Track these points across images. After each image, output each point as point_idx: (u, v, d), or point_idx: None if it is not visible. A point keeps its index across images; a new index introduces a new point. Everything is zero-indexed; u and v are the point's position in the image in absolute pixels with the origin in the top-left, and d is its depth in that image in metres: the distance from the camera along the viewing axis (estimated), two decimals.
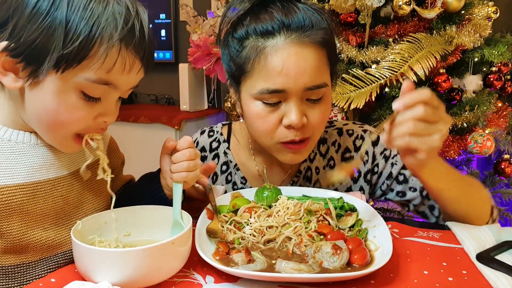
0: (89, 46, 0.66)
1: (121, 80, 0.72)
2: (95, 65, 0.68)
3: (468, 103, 1.70)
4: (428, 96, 0.73)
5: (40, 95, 0.70)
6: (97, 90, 0.71)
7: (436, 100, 0.75)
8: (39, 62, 0.67)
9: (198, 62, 2.51)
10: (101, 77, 0.70)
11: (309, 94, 0.88)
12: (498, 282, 0.68)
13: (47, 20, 0.65)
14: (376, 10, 1.59)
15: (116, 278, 0.65)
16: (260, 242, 0.79)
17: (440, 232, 0.89)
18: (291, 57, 0.85)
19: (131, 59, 0.71)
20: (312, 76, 0.86)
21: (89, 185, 0.88)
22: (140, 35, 0.71)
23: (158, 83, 3.35)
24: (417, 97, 0.73)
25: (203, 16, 2.63)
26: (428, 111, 0.73)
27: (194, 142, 1.11)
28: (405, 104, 0.73)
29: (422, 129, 0.74)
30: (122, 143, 1.12)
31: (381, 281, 0.69)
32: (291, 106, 0.87)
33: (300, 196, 0.95)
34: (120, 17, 0.68)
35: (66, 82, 0.69)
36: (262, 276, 0.68)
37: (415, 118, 0.73)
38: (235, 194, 0.96)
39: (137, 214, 0.82)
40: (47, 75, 0.68)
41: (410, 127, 0.73)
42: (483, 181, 1.92)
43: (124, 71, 0.71)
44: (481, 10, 1.64)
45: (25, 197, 0.76)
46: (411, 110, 0.73)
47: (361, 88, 1.49)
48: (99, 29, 0.66)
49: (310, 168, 1.07)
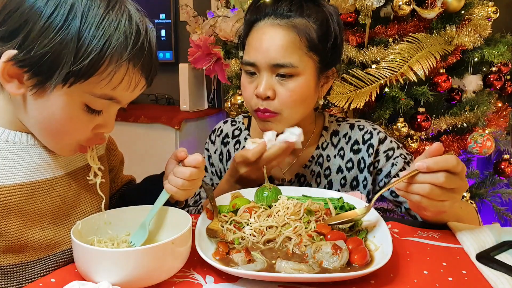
0: (98, 64, 0.67)
1: (125, 96, 0.74)
2: (102, 81, 0.69)
3: (468, 103, 1.70)
4: (453, 164, 0.75)
5: (45, 106, 0.71)
6: (100, 104, 0.72)
7: (461, 166, 0.76)
8: (47, 75, 0.67)
9: (198, 62, 2.51)
10: (106, 93, 0.71)
11: (277, 70, 0.99)
12: (498, 282, 0.68)
13: (60, 35, 0.65)
14: (376, 10, 1.59)
15: (116, 278, 0.65)
16: (260, 242, 0.79)
17: (440, 232, 0.89)
18: (263, 35, 1.00)
19: (137, 78, 0.72)
20: (277, 53, 0.98)
21: (86, 185, 0.88)
22: (148, 55, 0.72)
23: (158, 83, 3.35)
24: (442, 164, 0.75)
25: (203, 16, 2.63)
26: (448, 179, 0.74)
27: (218, 130, 1.27)
28: (429, 168, 0.75)
29: (436, 195, 0.76)
30: (122, 143, 1.12)
31: (381, 281, 0.69)
32: (262, 78, 1.01)
33: (300, 196, 0.95)
34: (130, 37, 0.69)
35: (72, 95, 0.70)
36: (262, 276, 0.68)
37: (434, 183, 0.75)
38: (235, 194, 0.96)
39: (137, 214, 0.82)
40: (54, 88, 0.68)
41: (426, 191, 0.75)
42: (483, 181, 1.92)
43: (129, 89, 0.72)
44: (481, 10, 1.64)
45: (23, 197, 0.77)
46: (432, 175, 0.75)
47: (361, 88, 1.49)
48: (110, 48, 0.67)
49: (322, 155, 1.15)
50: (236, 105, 1.89)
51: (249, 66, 1.02)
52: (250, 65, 1.02)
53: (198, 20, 2.65)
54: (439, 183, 0.74)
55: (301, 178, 1.14)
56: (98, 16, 0.67)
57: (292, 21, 0.99)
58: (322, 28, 1.00)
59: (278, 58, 0.98)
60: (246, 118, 1.28)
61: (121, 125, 2.88)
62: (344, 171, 1.13)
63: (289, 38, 0.98)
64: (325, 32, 1.01)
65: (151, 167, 1.26)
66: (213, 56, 2.44)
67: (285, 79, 0.99)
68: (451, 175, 0.75)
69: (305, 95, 1.02)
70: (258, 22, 1.02)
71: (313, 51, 1.00)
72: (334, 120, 1.19)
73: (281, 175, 1.14)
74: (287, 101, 1.00)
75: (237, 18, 1.99)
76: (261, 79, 1.01)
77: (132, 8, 0.72)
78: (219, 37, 2.08)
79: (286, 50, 0.98)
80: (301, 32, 0.98)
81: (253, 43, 1.01)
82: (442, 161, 0.75)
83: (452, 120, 1.68)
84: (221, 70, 2.42)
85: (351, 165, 1.13)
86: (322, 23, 1.00)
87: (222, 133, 1.25)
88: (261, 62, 0.99)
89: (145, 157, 2.79)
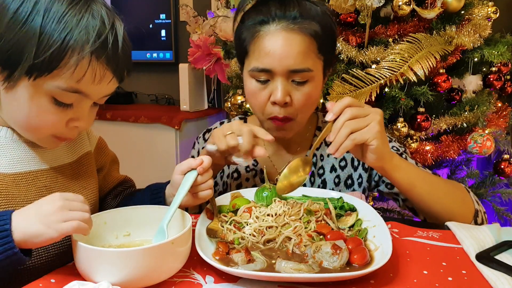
0: (60, 56, 0.69)
1: (92, 89, 0.75)
2: (65, 74, 0.71)
3: (468, 103, 1.69)
4: (350, 100, 0.85)
5: (14, 99, 0.74)
6: (68, 97, 0.74)
7: (357, 101, 0.87)
8: (13, 68, 0.70)
9: (198, 62, 2.51)
10: (72, 86, 0.72)
11: (294, 76, 0.97)
12: (497, 282, 0.68)
13: (23, 29, 0.69)
14: (376, 10, 1.59)
15: (116, 278, 0.65)
16: (260, 242, 0.79)
17: (440, 232, 0.89)
18: (278, 41, 0.96)
19: (101, 71, 0.73)
20: (296, 59, 0.96)
21: (74, 178, 0.90)
22: (113, 48, 0.73)
23: (158, 83, 3.35)
24: (341, 104, 0.85)
25: (203, 16, 2.63)
26: (355, 110, 0.84)
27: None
28: (335, 113, 0.85)
29: (357, 124, 0.84)
30: (122, 143, 1.13)
31: (381, 281, 0.70)
32: (276, 84, 0.97)
33: (300, 196, 0.95)
34: (93, 31, 0.71)
35: (38, 88, 0.72)
36: (262, 276, 0.68)
37: (348, 118, 0.84)
38: (235, 194, 0.96)
39: (136, 214, 0.82)
40: (20, 81, 0.71)
41: (348, 126, 0.83)
42: (483, 181, 1.92)
43: (94, 82, 0.73)
44: (481, 10, 1.63)
45: (8, 184, 0.79)
46: (341, 115, 0.84)
47: (361, 88, 1.49)
48: (71, 41, 0.69)
49: (315, 154, 1.15)
50: (236, 105, 1.88)
51: (262, 73, 0.98)
52: (263, 71, 0.97)
53: (198, 20, 2.65)
54: (351, 116, 0.84)
55: None
56: (60, 11, 0.69)
57: (304, 24, 0.96)
58: (326, 28, 1.00)
59: (297, 64, 0.95)
60: (241, 120, 1.23)
61: (121, 125, 2.88)
62: (337, 170, 1.13)
63: (304, 43, 0.96)
64: (329, 32, 1.01)
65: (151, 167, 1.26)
66: (213, 56, 2.43)
67: (301, 84, 0.98)
68: (354, 107, 0.85)
69: (316, 97, 1.02)
70: (266, 25, 0.97)
71: (321, 52, 1.00)
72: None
73: (276, 174, 1.14)
74: (303, 106, 0.99)
75: None
76: (275, 85, 0.97)
77: (98, 5, 0.73)
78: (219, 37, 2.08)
79: (304, 55, 0.96)
80: (312, 35, 0.97)
81: (266, 49, 0.96)
82: (339, 103, 0.85)
83: (452, 120, 1.68)
84: (221, 70, 2.42)
85: (344, 163, 1.14)
86: (326, 24, 1.00)
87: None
88: (278, 69, 0.96)
89: (145, 157, 2.79)
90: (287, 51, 0.95)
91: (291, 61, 0.95)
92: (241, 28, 1.03)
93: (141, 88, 3.42)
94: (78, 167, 0.92)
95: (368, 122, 0.84)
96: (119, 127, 2.89)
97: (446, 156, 1.69)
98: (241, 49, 1.04)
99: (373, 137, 0.84)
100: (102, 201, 1.03)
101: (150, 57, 3.25)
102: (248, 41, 1.00)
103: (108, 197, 1.04)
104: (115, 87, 0.79)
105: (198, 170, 0.83)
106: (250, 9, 1.04)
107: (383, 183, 1.12)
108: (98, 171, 1.00)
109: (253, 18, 1.00)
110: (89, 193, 0.93)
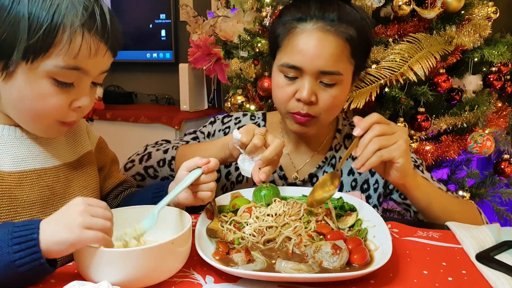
0: (52, 34, 0.70)
1: (90, 64, 0.75)
2: (61, 51, 0.71)
3: (468, 103, 1.69)
4: (378, 117, 0.87)
5: (14, 88, 0.74)
6: (68, 75, 0.74)
7: (385, 119, 0.88)
8: (8, 55, 0.71)
9: (198, 62, 2.51)
10: (69, 63, 0.72)
11: (323, 77, 0.97)
12: (497, 282, 0.68)
13: (11, 15, 0.69)
14: (376, 10, 1.59)
15: (116, 278, 0.65)
16: (260, 242, 0.79)
17: (440, 232, 0.89)
18: (312, 40, 0.96)
19: (95, 43, 0.74)
20: (327, 61, 0.95)
21: (75, 177, 0.90)
22: (102, 20, 0.74)
23: (158, 83, 3.35)
24: (370, 120, 0.86)
25: (203, 16, 2.63)
26: (383, 127, 0.86)
27: (235, 118, 1.22)
28: (363, 128, 0.86)
29: (385, 141, 0.85)
30: (122, 143, 1.13)
31: (381, 281, 0.70)
32: (304, 83, 0.97)
33: (300, 196, 0.95)
34: (79, 5, 0.72)
35: (37, 72, 0.72)
36: (262, 276, 0.68)
37: (376, 135, 0.85)
38: (235, 194, 0.96)
39: (136, 214, 0.82)
40: (17, 67, 0.72)
41: (376, 143, 0.85)
42: (483, 181, 1.92)
43: (90, 55, 0.74)
44: (481, 10, 1.63)
45: (13, 183, 0.78)
46: (370, 131, 0.86)
47: (361, 88, 1.49)
48: (60, 17, 0.70)
49: (334, 157, 1.15)
50: (236, 105, 1.88)
51: (292, 69, 0.98)
52: (293, 68, 0.98)
53: (198, 20, 2.65)
54: (379, 132, 0.85)
55: (314, 178, 1.13)
56: None
57: (340, 28, 0.96)
58: (362, 34, 0.99)
59: (328, 66, 0.96)
60: (262, 115, 1.24)
61: (121, 125, 2.88)
62: (355, 173, 1.13)
63: (338, 46, 0.96)
64: (364, 38, 1.01)
65: None
66: (213, 56, 2.44)
67: (329, 86, 0.98)
68: (382, 124, 0.86)
69: (343, 100, 1.03)
70: (303, 23, 0.97)
71: (354, 57, 1.00)
72: (348, 124, 1.20)
73: (294, 173, 1.14)
74: (328, 107, 1.00)
75: (237, 18, 1.99)
76: (303, 83, 0.98)
77: None
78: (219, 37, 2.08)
79: (336, 58, 0.96)
80: (348, 39, 0.97)
81: (299, 47, 0.97)
82: (368, 118, 0.87)
83: (452, 120, 1.68)
84: (221, 70, 2.42)
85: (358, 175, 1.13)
86: (362, 29, 0.99)
87: (240, 123, 1.20)
88: (308, 68, 0.96)
89: None
90: (319, 52, 0.95)
91: (322, 62, 0.95)
92: (278, 22, 1.03)
93: (141, 88, 3.42)
94: (80, 166, 0.92)
95: (396, 140, 0.86)
96: (119, 127, 2.89)
97: (446, 156, 1.68)
98: (274, 42, 1.04)
99: (399, 155, 0.85)
100: (103, 199, 1.03)
101: (150, 57, 3.25)
102: (283, 36, 1.00)
103: (108, 197, 1.04)
104: (110, 62, 0.80)
105: (203, 169, 0.83)
106: (289, 5, 1.04)
107: (397, 192, 1.12)
108: (99, 171, 1.00)
109: (292, 14, 1.00)
110: (90, 193, 0.93)
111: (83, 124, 0.98)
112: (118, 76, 3.34)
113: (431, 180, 1.08)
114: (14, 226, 0.65)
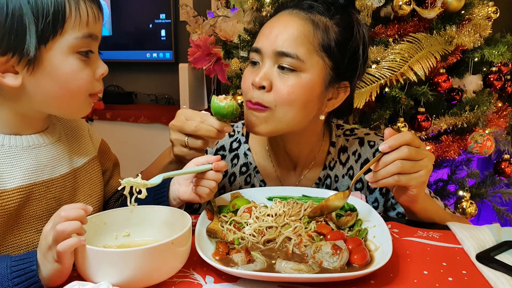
0: (62, 9, 0.73)
1: (97, 29, 0.80)
2: (75, 23, 0.75)
3: (468, 103, 1.69)
4: (410, 138, 0.81)
5: (46, 74, 0.75)
6: (86, 43, 0.78)
7: (418, 140, 0.83)
8: (22, 46, 0.72)
9: (198, 62, 2.51)
10: (85, 31, 0.77)
11: (280, 59, 0.91)
12: (498, 282, 0.68)
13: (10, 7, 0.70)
14: (376, 10, 1.59)
15: (116, 278, 0.65)
16: (260, 242, 0.79)
17: (440, 232, 0.89)
18: (277, 22, 0.94)
19: (95, 8, 0.79)
20: (285, 41, 0.90)
21: (80, 186, 0.90)
22: None
23: (158, 83, 3.35)
24: (400, 139, 0.81)
25: (203, 16, 2.63)
26: (412, 151, 0.81)
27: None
28: (391, 146, 0.81)
29: (409, 167, 0.81)
30: (122, 143, 1.12)
31: (381, 281, 0.69)
32: (261, 67, 0.93)
33: (300, 196, 0.95)
34: None
35: (62, 50, 0.75)
36: (262, 276, 0.68)
37: (401, 157, 0.80)
38: (235, 194, 0.96)
39: (136, 214, 0.82)
40: (42, 53, 0.73)
41: (398, 166, 0.81)
42: (483, 181, 1.92)
43: (95, 20, 0.79)
44: (481, 10, 1.63)
45: (22, 200, 0.78)
46: (396, 151, 0.81)
47: (361, 88, 1.49)
48: None
49: (329, 176, 1.08)
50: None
51: (254, 53, 0.95)
52: (255, 51, 0.94)
53: (198, 20, 2.65)
54: (405, 156, 0.80)
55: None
56: None
57: (312, 15, 0.92)
58: (344, 34, 0.93)
59: (285, 46, 0.89)
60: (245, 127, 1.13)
61: (121, 125, 2.88)
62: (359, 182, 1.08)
63: (302, 29, 0.90)
64: (346, 39, 0.93)
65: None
66: (213, 56, 2.44)
67: (286, 72, 0.90)
68: (412, 147, 0.81)
69: (305, 97, 0.91)
70: (279, 12, 0.96)
71: (326, 53, 0.92)
72: (342, 134, 1.11)
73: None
74: (283, 97, 0.90)
75: (237, 18, 1.99)
76: (260, 67, 0.93)
77: None
78: (219, 37, 2.09)
79: (296, 40, 0.90)
80: (317, 28, 0.91)
81: (265, 30, 0.95)
82: (400, 137, 0.82)
83: (452, 120, 1.68)
84: (221, 70, 2.42)
85: (360, 185, 1.08)
86: (345, 29, 0.93)
87: (217, 144, 1.12)
88: (266, 49, 0.91)
89: (145, 157, 2.78)
90: (279, 31, 0.91)
91: (279, 41, 0.90)
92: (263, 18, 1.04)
93: (141, 88, 3.41)
94: (84, 174, 0.92)
95: (418, 169, 0.82)
96: (119, 127, 2.89)
97: (446, 156, 1.69)
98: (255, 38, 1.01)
99: (416, 185, 0.83)
100: (105, 204, 1.03)
101: (150, 57, 3.25)
102: (259, 27, 0.99)
103: (110, 201, 1.04)
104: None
105: (213, 166, 0.83)
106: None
107: (394, 211, 1.08)
108: (102, 174, 0.99)
109: (274, 11, 1.00)
110: (95, 200, 0.93)
111: (85, 127, 0.98)
112: (118, 76, 3.34)
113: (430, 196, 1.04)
114: (11, 261, 0.66)
